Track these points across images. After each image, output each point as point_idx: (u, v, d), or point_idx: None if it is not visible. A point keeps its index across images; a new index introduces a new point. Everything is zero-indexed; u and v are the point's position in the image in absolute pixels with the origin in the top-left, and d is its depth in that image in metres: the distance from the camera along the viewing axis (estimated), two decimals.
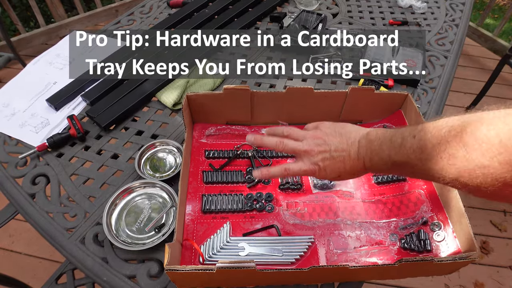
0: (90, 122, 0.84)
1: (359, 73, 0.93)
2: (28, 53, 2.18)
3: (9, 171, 0.74)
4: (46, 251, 1.43)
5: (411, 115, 0.73)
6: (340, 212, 0.65)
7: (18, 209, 0.69)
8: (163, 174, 0.72)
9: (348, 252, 0.60)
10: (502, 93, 2.21)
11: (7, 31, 2.00)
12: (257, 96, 0.73)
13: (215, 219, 0.64)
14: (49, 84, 0.93)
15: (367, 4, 1.23)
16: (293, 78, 0.94)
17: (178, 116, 0.85)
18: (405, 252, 0.60)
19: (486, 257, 1.50)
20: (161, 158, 0.76)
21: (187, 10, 1.13)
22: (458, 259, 0.51)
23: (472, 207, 1.63)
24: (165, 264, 0.49)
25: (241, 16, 1.12)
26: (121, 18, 1.15)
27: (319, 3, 1.20)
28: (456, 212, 0.59)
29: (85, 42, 1.05)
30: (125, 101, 0.85)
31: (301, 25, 1.03)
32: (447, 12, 1.20)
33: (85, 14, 2.29)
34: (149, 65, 0.95)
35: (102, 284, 0.59)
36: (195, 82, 0.92)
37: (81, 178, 0.73)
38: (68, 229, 0.65)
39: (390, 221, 0.64)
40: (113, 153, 0.77)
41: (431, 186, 0.68)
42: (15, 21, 2.08)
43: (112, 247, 0.62)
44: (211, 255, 0.59)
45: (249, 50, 1.03)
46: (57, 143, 0.76)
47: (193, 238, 0.61)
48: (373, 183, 0.69)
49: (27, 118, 0.85)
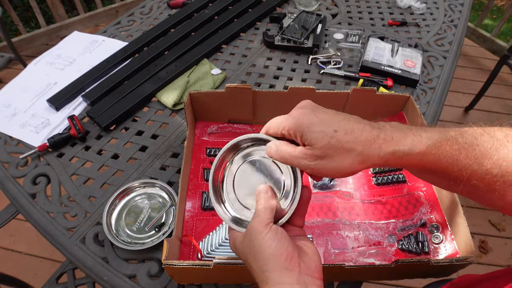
0: (90, 122, 0.84)
1: (359, 73, 0.94)
2: (29, 54, 2.19)
3: (10, 171, 0.75)
4: (47, 251, 1.43)
5: (413, 117, 0.73)
6: (339, 212, 0.66)
7: (19, 209, 0.70)
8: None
9: (346, 252, 0.60)
10: (501, 93, 2.21)
11: (8, 32, 2.01)
12: (259, 95, 0.73)
13: (214, 216, 0.65)
14: (49, 84, 0.93)
15: (367, 4, 1.23)
16: (293, 78, 0.95)
17: (178, 116, 0.85)
18: (403, 254, 0.60)
19: (485, 256, 1.50)
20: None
21: (187, 11, 1.14)
22: (455, 261, 0.51)
23: (471, 207, 1.64)
24: (163, 259, 0.50)
25: (241, 16, 1.12)
26: (122, 19, 1.15)
27: (319, 4, 1.20)
28: (454, 215, 0.60)
29: (85, 42, 1.05)
30: (126, 102, 0.86)
31: (301, 26, 1.04)
32: (446, 12, 1.20)
33: (86, 14, 2.29)
34: (149, 66, 0.95)
35: (103, 284, 0.59)
36: (195, 82, 0.92)
37: (81, 178, 0.73)
38: (69, 229, 0.65)
39: (389, 222, 0.64)
40: (113, 153, 0.78)
41: (431, 188, 0.68)
42: (16, 21, 2.08)
43: (112, 246, 0.62)
44: (209, 252, 0.59)
45: (249, 50, 1.03)
46: (57, 143, 0.77)
47: (192, 235, 0.62)
48: (373, 184, 0.70)
49: (28, 118, 0.85)
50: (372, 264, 0.58)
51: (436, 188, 0.67)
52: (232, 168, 0.45)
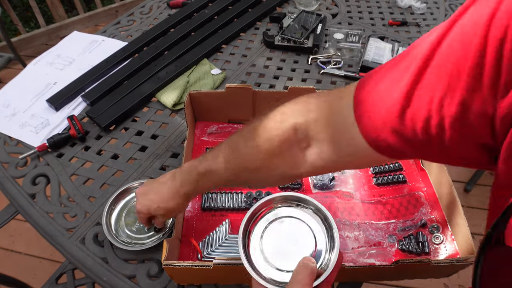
0: (90, 123, 0.84)
1: (359, 73, 0.94)
2: (29, 54, 2.18)
3: (10, 171, 0.74)
4: (46, 251, 1.43)
5: None
6: (340, 212, 0.65)
7: (19, 209, 0.70)
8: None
9: (346, 253, 0.60)
10: None
11: (8, 32, 2.01)
12: (259, 95, 0.73)
13: (214, 216, 0.65)
14: (49, 84, 0.93)
15: (367, 4, 1.23)
16: (293, 78, 0.95)
17: (178, 116, 0.85)
18: (403, 254, 0.60)
19: None
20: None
21: (187, 11, 1.13)
22: (456, 262, 0.51)
23: (471, 207, 1.63)
24: (163, 259, 0.49)
25: (241, 16, 1.12)
26: (121, 19, 1.15)
27: (319, 4, 1.20)
28: (455, 215, 0.60)
29: (85, 42, 1.05)
30: (125, 102, 0.85)
31: (301, 26, 1.03)
32: (447, 12, 1.20)
33: (85, 14, 2.29)
34: (149, 66, 0.95)
35: (102, 284, 0.59)
36: (195, 82, 0.92)
37: (81, 178, 0.73)
38: (68, 229, 0.65)
39: (389, 223, 0.64)
40: (113, 153, 0.77)
41: (431, 188, 0.68)
42: (15, 21, 2.08)
43: (112, 247, 0.62)
44: (209, 252, 0.59)
45: (249, 50, 1.03)
46: (57, 143, 0.77)
47: (192, 235, 0.62)
48: (373, 184, 0.70)
49: (28, 118, 0.85)
50: (372, 265, 0.57)
51: (436, 188, 0.67)
52: (262, 222, 0.44)
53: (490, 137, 0.26)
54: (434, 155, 0.32)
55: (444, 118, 0.27)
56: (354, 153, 0.37)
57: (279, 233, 0.43)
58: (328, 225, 0.43)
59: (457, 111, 0.26)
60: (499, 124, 0.24)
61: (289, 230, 0.43)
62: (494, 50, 0.23)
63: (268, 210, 0.45)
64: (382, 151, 0.34)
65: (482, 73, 0.24)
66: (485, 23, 0.24)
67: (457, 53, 0.26)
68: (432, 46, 0.28)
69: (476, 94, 0.25)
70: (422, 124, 0.29)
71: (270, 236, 0.43)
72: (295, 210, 0.44)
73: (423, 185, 0.69)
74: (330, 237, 0.42)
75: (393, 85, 0.31)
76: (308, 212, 0.44)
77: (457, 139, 0.28)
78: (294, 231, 0.43)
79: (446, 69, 0.27)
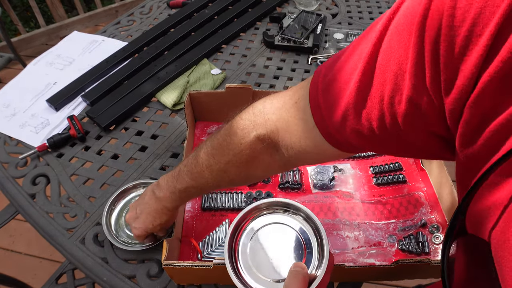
0: (90, 123, 0.84)
1: None
2: (29, 54, 2.18)
3: (10, 172, 0.74)
4: (46, 251, 1.43)
5: None
6: (339, 212, 0.65)
7: (19, 209, 0.70)
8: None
9: (346, 253, 0.60)
10: None
11: (8, 32, 2.01)
12: (259, 95, 0.73)
13: (214, 216, 0.65)
14: (49, 84, 0.93)
15: (367, 4, 1.23)
16: (293, 78, 0.95)
17: (178, 116, 0.85)
18: (403, 254, 0.60)
19: None
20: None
21: (187, 11, 1.13)
22: None
23: None
24: (163, 259, 0.50)
25: (241, 16, 1.12)
26: (121, 19, 1.15)
27: (319, 4, 1.20)
28: None
29: (85, 42, 1.05)
30: (125, 102, 0.85)
31: (301, 26, 1.03)
32: None
33: (85, 14, 2.29)
34: (149, 66, 0.95)
35: (102, 284, 0.59)
36: (195, 82, 0.92)
37: (81, 178, 0.73)
38: (68, 229, 0.65)
39: (389, 223, 0.64)
40: (113, 153, 0.77)
41: (431, 188, 0.68)
42: (15, 21, 2.08)
43: (112, 247, 0.62)
44: (209, 252, 0.59)
45: (249, 50, 1.03)
46: (57, 143, 0.77)
47: (192, 235, 0.62)
48: (373, 184, 0.70)
49: (28, 118, 0.85)
50: (372, 265, 0.57)
51: (436, 188, 0.67)
52: (248, 233, 0.43)
53: (444, 129, 0.27)
54: (394, 149, 0.34)
55: (396, 114, 0.28)
56: (320, 152, 0.39)
57: (266, 243, 0.42)
58: (315, 226, 0.42)
59: (406, 108, 0.27)
60: (449, 117, 0.25)
61: (276, 238, 0.42)
62: (430, 49, 0.24)
63: (251, 220, 0.43)
64: (345, 149, 0.37)
65: (424, 73, 0.25)
66: (419, 23, 0.25)
67: (398, 52, 0.27)
68: (374, 46, 0.29)
69: (422, 92, 0.26)
70: (377, 123, 0.30)
71: (257, 247, 0.42)
72: (278, 216, 0.44)
73: (423, 185, 0.69)
74: (319, 238, 0.41)
75: (345, 86, 0.32)
76: (291, 216, 0.43)
77: (412, 133, 0.29)
78: (280, 237, 0.42)
79: (391, 69, 0.28)
